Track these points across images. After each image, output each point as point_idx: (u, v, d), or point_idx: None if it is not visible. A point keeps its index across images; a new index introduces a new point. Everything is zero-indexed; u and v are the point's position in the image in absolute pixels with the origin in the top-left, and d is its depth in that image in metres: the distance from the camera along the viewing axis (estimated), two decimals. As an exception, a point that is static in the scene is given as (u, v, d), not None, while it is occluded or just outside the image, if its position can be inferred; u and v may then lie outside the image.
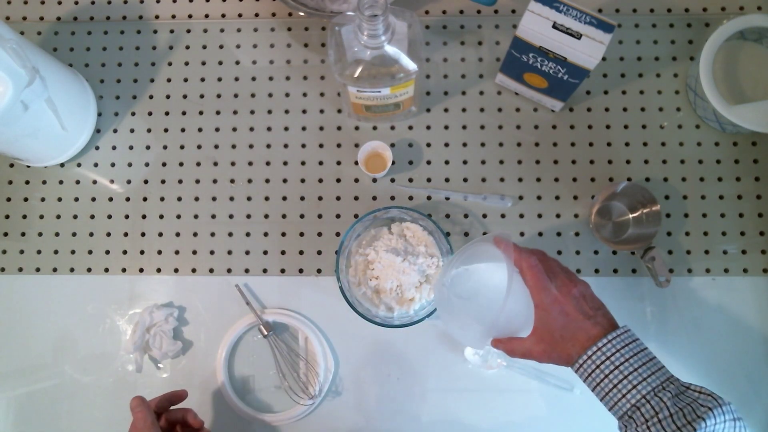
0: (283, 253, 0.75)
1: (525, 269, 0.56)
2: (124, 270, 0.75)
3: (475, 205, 0.75)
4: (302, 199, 0.76)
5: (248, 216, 0.76)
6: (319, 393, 0.70)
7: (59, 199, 0.77)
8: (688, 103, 0.75)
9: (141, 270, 0.75)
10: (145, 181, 0.77)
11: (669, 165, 0.74)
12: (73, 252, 0.76)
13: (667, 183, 0.74)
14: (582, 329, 0.54)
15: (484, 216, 0.75)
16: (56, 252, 0.76)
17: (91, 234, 0.76)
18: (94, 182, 0.78)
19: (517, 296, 0.56)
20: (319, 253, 0.75)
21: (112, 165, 0.78)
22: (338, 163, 0.76)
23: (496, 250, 0.57)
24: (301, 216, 0.76)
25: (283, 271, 0.75)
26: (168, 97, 0.79)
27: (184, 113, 0.78)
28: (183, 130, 0.78)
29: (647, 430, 0.49)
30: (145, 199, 0.77)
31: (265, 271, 0.75)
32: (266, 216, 0.76)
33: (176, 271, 0.75)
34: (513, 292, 0.54)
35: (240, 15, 0.80)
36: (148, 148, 0.78)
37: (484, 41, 0.78)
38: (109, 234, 0.76)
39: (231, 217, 0.76)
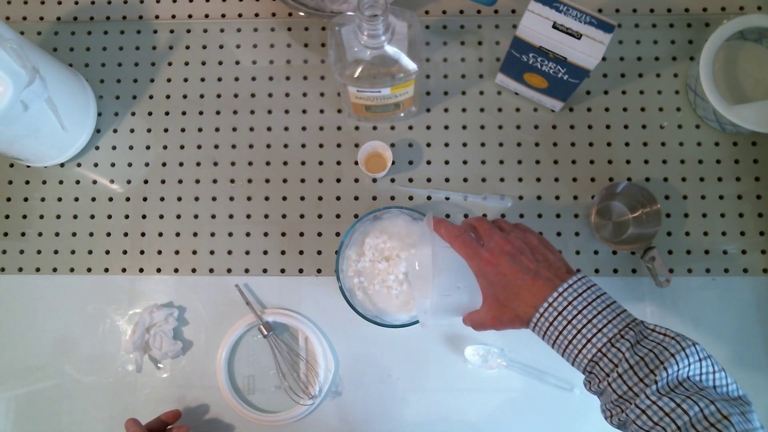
0: (283, 253, 0.75)
1: (452, 242, 0.54)
2: (124, 270, 0.75)
3: (475, 205, 0.75)
4: (302, 199, 0.76)
5: (248, 216, 0.76)
6: (319, 393, 0.70)
7: (59, 199, 0.77)
8: (688, 103, 0.75)
9: (141, 270, 0.75)
10: (145, 181, 0.77)
11: (669, 165, 0.74)
12: (73, 252, 0.76)
13: (667, 183, 0.74)
14: (523, 286, 0.50)
15: (484, 216, 0.75)
16: (56, 252, 0.76)
17: (91, 234, 0.76)
18: (94, 182, 0.78)
19: (453, 270, 0.55)
20: (319, 253, 0.75)
21: (112, 165, 0.78)
22: (338, 163, 0.76)
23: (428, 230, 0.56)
24: (301, 216, 0.76)
25: (283, 271, 0.75)
26: (168, 97, 0.79)
27: (184, 113, 0.78)
28: (183, 130, 0.78)
29: (609, 386, 0.46)
30: (145, 199, 0.77)
31: (265, 271, 0.75)
32: (266, 216, 0.76)
33: (176, 271, 0.75)
34: (447, 267, 0.53)
35: (240, 15, 0.80)
36: (148, 148, 0.78)
37: (484, 41, 0.78)
38: (109, 234, 0.76)
39: (231, 217, 0.76)
